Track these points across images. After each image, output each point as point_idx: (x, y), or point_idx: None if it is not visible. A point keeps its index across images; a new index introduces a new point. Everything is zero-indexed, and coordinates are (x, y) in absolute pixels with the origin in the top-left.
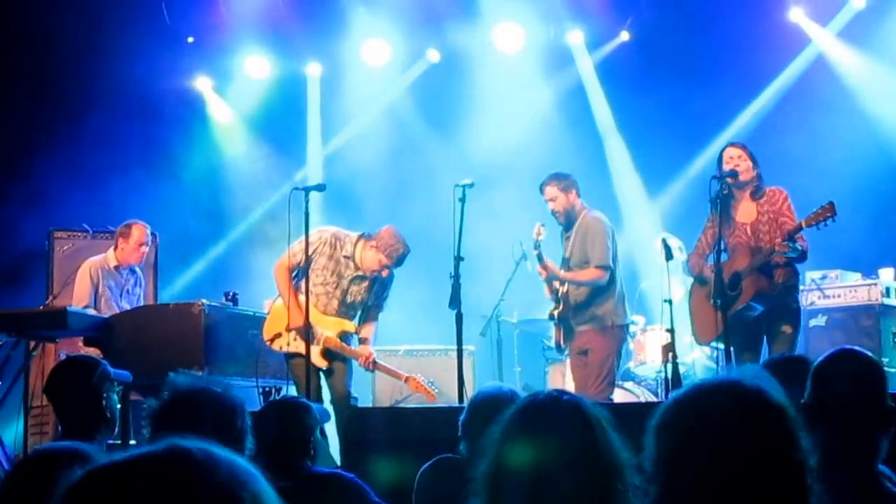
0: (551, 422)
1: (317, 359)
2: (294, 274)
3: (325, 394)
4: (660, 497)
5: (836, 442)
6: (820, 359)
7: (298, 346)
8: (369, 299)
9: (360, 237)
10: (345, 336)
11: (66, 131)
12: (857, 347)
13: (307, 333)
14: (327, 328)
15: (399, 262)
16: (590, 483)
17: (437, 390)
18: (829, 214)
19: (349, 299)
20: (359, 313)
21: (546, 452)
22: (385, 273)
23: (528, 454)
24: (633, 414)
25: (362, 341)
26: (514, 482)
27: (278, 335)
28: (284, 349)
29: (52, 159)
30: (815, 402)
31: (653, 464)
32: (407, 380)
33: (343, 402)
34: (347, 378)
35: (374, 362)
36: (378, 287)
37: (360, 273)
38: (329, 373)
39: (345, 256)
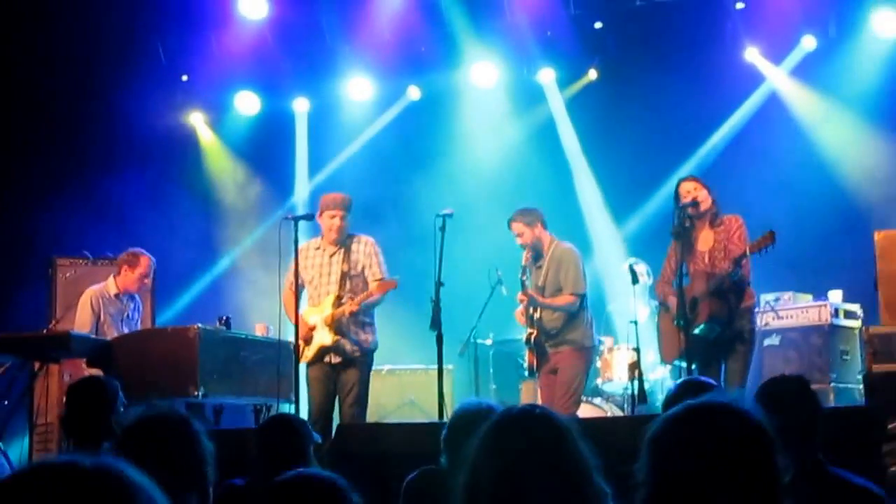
0: (525, 432)
1: (327, 338)
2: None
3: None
4: (650, 499)
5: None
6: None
7: (307, 356)
8: (351, 269)
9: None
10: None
11: (67, 164)
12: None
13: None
14: (320, 313)
15: (337, 204)
16: (561, 488)
17: (397, 276)
18: (769, 242)
19: (333, 278)
20: (349, 285)
21: (520, 461)
22: (336, 221)
23: (503, 463)
24: (600, 427)
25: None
26: (492, 489)
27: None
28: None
29: (54, 190)
30: None
31: (644, 473)
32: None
33: (350, 417)
34: (358, 400)
35: (351, 312)
36: (355, 256)
37: (330, 248)
38: (338, 391)
39: (315, 248)
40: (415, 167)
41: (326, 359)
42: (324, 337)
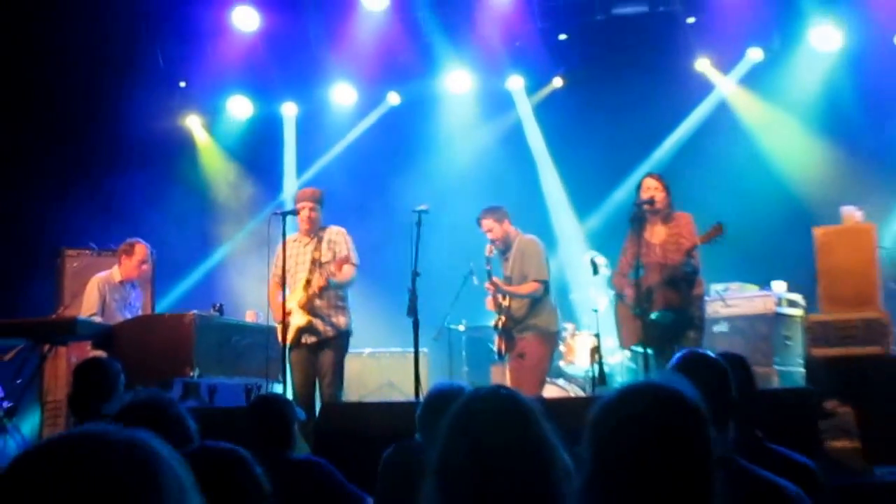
0: (492, 411)
1: (301, 319)
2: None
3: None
4: (591, 477)
5: None
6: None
7: (287, 338)
8: (322, 256)
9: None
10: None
11: (74, 163)
12: (699, 350)
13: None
14: (295, 299)
15: (307, 197)
16: (526, 463)
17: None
18: (718, 233)
19: (306, 266)
20: (320, 271)
21: (487, 437)
22: (307, 212)
23: (472, 439)
24: (563, 407)
25: None
26: (460, 464)
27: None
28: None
29: (62, 187)
30: None
31: (587, 451)
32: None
33: (329, 396)
34: (334, 379)
35: (320, 288)
36: (326, 245)
37: (304, 239)
38: (316, 372)
39: (293, 241)
40: (394, 167)
41: (303, 340)
42: (298, 319)
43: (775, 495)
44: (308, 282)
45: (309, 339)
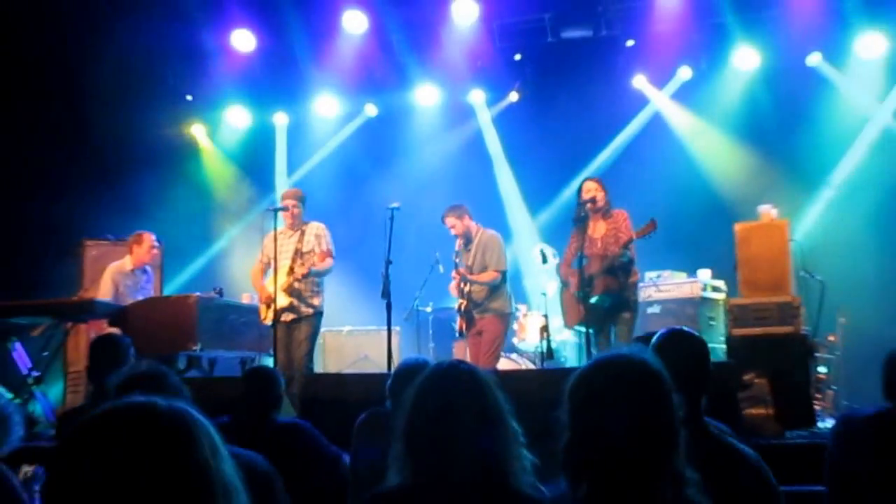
0: (451, 382)
1: (283, 300)
2: (266, 271)
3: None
4: (572, 438)
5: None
6: (656, 338)
7: (269, 317)
8: (304, 247)
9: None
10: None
11: (94, 165)
12: (684, 328)
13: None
14: (279, 282)
15: (290, 196)
16: (480, 427)
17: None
18: (652, 229)
19: (288, 255)
20: (301, 259)
21: (446, 405)
22: (290, 209)
23: (433, 406)
24: (516, 378)
25: None
26: (424, 428)
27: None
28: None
29: (83, 185)
30: None
31: (565, 414)
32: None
33: (301, 367)
34: (307, 352)
35: (303, 275)
36: (307, 237)
37: (288, 232)
38: (292, 345)
39: (279, 234)
40: (371, 169)
41: (283, 318)
42: (281, 300)
43: (738, 459)
44: (291, 269)
45: (288, 317)
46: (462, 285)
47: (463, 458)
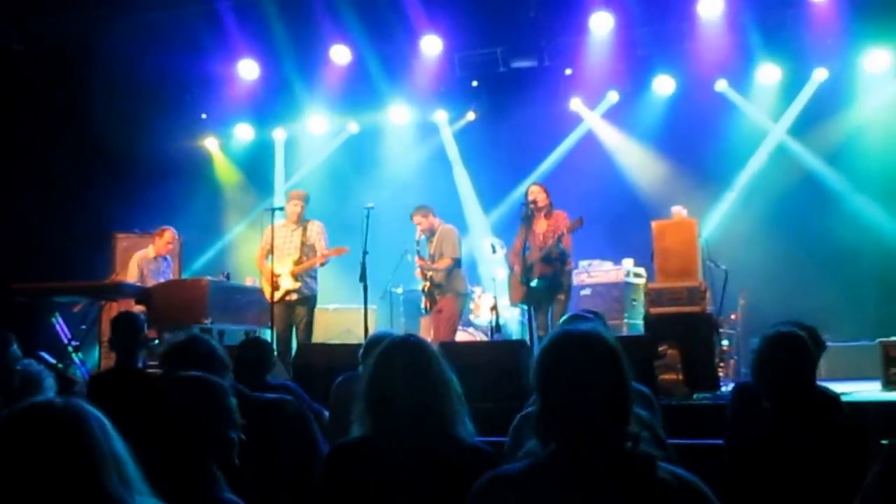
0: (403, 352)
1: (291, 284)
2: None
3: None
4: (539, 402)
5: None
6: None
7: (276, 296)
8: (306, 241)
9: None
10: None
11: (125, 171)
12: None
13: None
14: (285, 268)
15: (295, 197)
16: (426, 389)
17: (347, 248)
18: (579, 224)
19: (293, 247)
20: (304, 250)
21: (398, 371)
22: (296, 207)
23: (387, 372)
24: (471, 347)
25: None
26: (378, 389)
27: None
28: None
29: (116, 187)
30: None
31: (534, 380)
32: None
33: (304, 339)
34: (308, 326)
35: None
36: (309, 233)
37: (292, 226)
38: (295, 321)
39: (280, 227)
40: (353, 176)
41: (288, 298)
42: (288, 283)
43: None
44: (300, 258)
45: (292, 297)
46: (426, 271)
47: (409, 413)
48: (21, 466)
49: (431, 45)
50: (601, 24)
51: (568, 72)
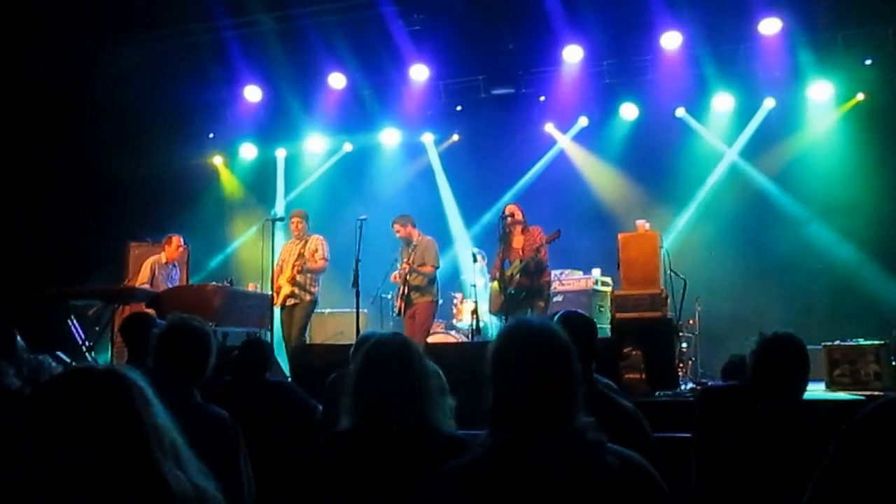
0: (387, 349)
1: (287, 289)
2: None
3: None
4: (496, 393)
5: None
6: (556, 318)
7: (278, 301)
8: (306, 253)
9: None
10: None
11: (140, 186)
12: (577, 310)
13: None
14: (285, 277)
15: (296, 215)
16: (406, 383)
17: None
18: (556, 236)
19: (291, 260)
20: (302, 261)
21: (383, 366)
22: (296, 225)
23: (372, 367)
24: (453, 348)
25: None
26: (364, 383)
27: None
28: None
29: (131, 201)
30: None
31: (489, 369)
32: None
33: (294, 340)
34: (300, 329)
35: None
36: (310, 246)
37: (295, 241)
38: (290, 323)
39: (289, 243)
40: (348, 191)
41: (287, 303)
42: (286, 289)
43: (618, 409)
44: (295, 268)
45: (290, 302)
46: (406, 275)
47: (393, 406)
48: (62, 430)
49: (419, 74)
50: (572, 56)
51: (542, 98)
